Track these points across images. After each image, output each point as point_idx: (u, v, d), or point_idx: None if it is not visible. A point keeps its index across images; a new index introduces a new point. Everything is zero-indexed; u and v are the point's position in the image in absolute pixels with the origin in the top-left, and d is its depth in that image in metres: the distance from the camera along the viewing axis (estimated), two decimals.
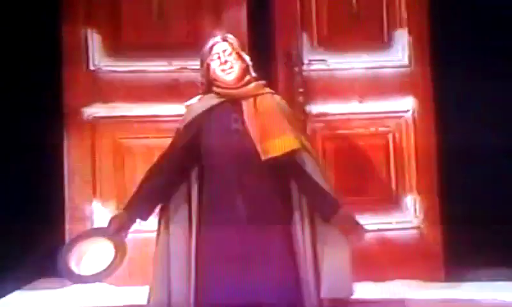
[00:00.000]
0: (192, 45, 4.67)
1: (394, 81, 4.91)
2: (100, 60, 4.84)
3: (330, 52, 4.93)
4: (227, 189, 3.48)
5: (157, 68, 4.85)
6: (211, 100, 3.58)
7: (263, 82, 3.65)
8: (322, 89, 4.91)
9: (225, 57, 3.56)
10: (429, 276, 4.71)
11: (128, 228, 3.54)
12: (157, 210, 3.66)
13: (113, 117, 4.83)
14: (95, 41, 4.84)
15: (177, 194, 3.56)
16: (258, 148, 3.42)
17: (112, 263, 3.42)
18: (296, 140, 3.48)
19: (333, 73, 4.93)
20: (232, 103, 3.55)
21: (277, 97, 3.69)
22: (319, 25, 4.94)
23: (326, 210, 3.49)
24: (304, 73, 4.89)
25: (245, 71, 3.59)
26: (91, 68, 4.83)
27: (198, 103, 3.62)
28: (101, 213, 4.79)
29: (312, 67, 4.93)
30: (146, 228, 4.37)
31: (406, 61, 4.94)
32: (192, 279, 3.51)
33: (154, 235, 4.16)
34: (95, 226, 4.69)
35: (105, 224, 4.34)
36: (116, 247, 3.44)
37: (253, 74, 3.63)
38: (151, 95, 4.82)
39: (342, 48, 4.92)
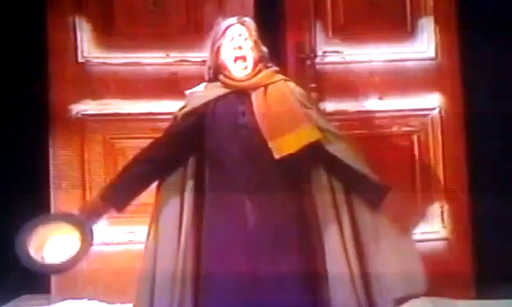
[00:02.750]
0: (193, 34, 4.66)
1: (419, 75, 4.75)
2: (90, 51, 4.68)
3: (347, 42, 4.78)
4: (234, 193, 3.27)
5: (153, 60, 4.69)
6: (216, 90, 3.41)
7: (275, 68, 3.49)
8: (337, 84, 4.74)
9: (240, 41, 3.37)
10: (458, 293, 4.54)
11: (100, 216, 3.37)
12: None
13: (104, 115, 4.67)
14: (84, 30, 4.68)
15: (171, 193, 3.40)
16: (270, 145, 3.23)
17: (74, 254, 3.24)
18: (314, 130, 3.28)
19: (350, 67, 4.77)
20: (240, 94, 3.37)
21: (291, 84, 3.48)
22: (335, 13, 4.78)
23: (373, 196, 3.33)
24: (318, 67, 4.74)
25: (258, 62, 3.41)
26: (80, 60, 4.68)
27: (202, 92, 3.45)
28: None
29: (327, 59, 4.77)
30: (140, 239, 4.28)
31: (432, 53, 4.77)
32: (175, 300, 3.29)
33: None
34: None
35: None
36: (81, 236, 3.26)
37: (269, 64, 3.47)
38: (146, 90, 4.67)
39: (360, 39, 4.77)
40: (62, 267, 3.27)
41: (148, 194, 4.46)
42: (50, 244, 3.24)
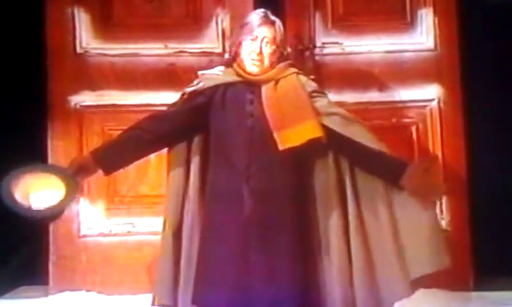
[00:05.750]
0: (191, 25, 4.65)
1: (418, 66, 4.70)
2: (88, 42, 4.66)
3: (346, 33, 4.73)
4: (234, 178, 3.29)
5: (151, 51, 4.66)
6: (228, 76, 3.42)
7: (288, 62, 3.47)
8: (336, 75, 4.69)
9: (261, 45, 3.35)
10: (456, 285, 4.50)
11: (88, 172, 3.37)
12: None
13: (103, 106, 4.64)
14: (82, 21, 4.65)
15: (177, 165, 3.43)
16: (275, 135, 3.25)
17: (58, 203, 3.24)
18: (317, 128, 3.27)
19: (349, 58, 4.73)
20: (251, 83, 3.38)
21: (303, 78, 3.46)
22: (334, 3, 4.74)
23: (393, 171, 3.32)
24: (317, 58, 4.70)
25: (274, 63, 3.39)
26: (79, 51, 4.65)
27: (214, 75, 3.46)
28: (89, 213, 4.59)
29: (326, 51, 4.72)
30: (138, 230, 4.48)
31: (431, 44, 4.72)
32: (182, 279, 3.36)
33: (146, 237, 4.43)
34: (82, 226, 4.58)
35: (92, 224, 4.59)
36: (66, 189, 3.25)
37: (288, 62, 3.46)
38: (145, 81, 4.64)
39: (359, 30, 4.73)
40: (45, 213, 3.26)
41: (147, 186, 4.54)
42: (36, 192, 3.24)
